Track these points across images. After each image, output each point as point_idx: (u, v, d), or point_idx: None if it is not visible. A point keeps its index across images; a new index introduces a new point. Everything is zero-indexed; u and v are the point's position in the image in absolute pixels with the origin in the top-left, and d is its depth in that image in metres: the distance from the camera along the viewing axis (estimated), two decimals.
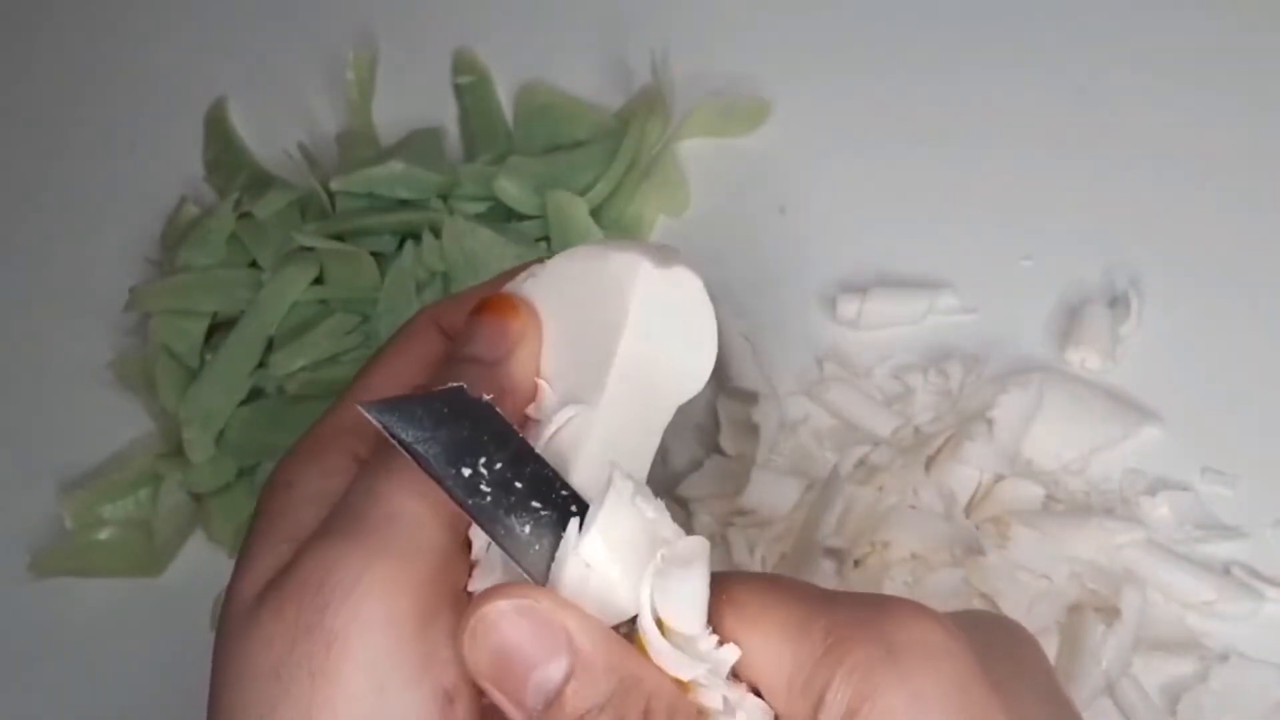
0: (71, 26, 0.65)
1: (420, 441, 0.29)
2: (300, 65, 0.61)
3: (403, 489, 0.30)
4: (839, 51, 0.58)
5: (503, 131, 0.57)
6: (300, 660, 0.28)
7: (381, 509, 0.30)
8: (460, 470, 0.29)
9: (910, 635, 0.27)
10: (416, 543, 0.29)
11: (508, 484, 0.29)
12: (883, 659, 0.27)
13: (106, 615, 0.50)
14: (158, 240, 0.57)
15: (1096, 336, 0.48)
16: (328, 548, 0.29)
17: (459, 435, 0.29)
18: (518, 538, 0.29)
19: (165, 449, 0.52)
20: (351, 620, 0.28)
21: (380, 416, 0.28)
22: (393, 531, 0.29)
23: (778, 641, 0.28)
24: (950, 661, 0.27)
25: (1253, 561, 0.44)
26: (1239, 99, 0.54)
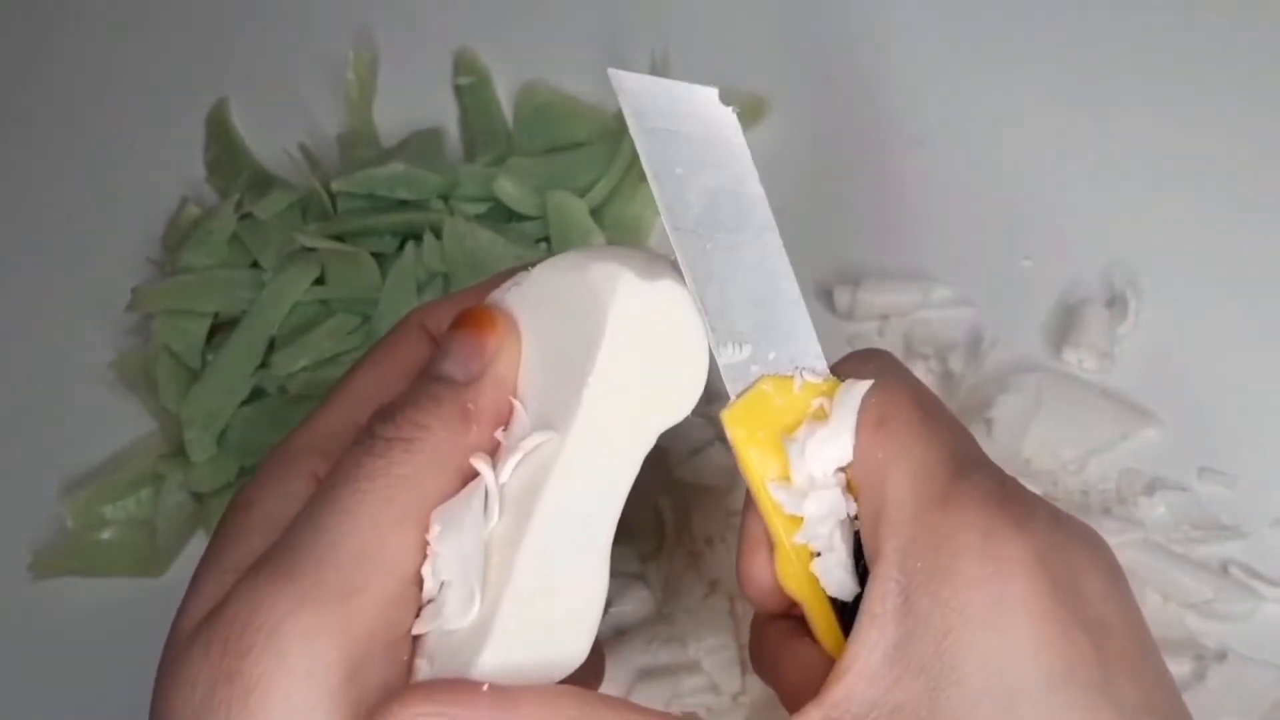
0: (72, 27, 0.65)
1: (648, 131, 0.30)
2: (301, 66, 0.61)
3: (348, 523, 0.29)
4: (838, 50, 0.58)
5: (503, 132, 0.57)
6: (219, 707, 0.28)
7: (322, 544, 0.29)
8: (675, 166, 0.29)
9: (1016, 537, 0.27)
10: (354, 583, 0.28)
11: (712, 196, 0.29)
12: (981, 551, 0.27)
13: (108, 615, 0.50)
14: (159, 241, 0.57)
15: (1094, 337, 0.48)
16: (257, 586, 0.29)
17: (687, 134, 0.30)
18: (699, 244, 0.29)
19: (167, 449, 0.52)
20: (273, 668, 0.27)
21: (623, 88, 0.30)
22: (328, 571, 0.28)
23: (885, 476, 0.29)
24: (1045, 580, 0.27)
25: (1250, 561, 0.44)
26: (1239, 99, 0.54)
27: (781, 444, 0.30)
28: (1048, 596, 0.27)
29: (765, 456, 0.30)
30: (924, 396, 0.31)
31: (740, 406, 0.30)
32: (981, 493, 0.28)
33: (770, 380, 0.31)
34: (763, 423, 0.30)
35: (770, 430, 0.30)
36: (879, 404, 0.30)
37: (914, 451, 0.29)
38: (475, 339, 0.32)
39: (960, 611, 0.27)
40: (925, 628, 0.27)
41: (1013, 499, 0.28)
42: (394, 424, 0.30)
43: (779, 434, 0.30)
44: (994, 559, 0.27)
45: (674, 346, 0.31)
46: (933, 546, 0.27)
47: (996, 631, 0.27)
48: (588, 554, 0.31)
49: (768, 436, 0.30)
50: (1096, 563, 0.28)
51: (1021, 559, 0.27)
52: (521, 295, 0.32)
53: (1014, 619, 0.27)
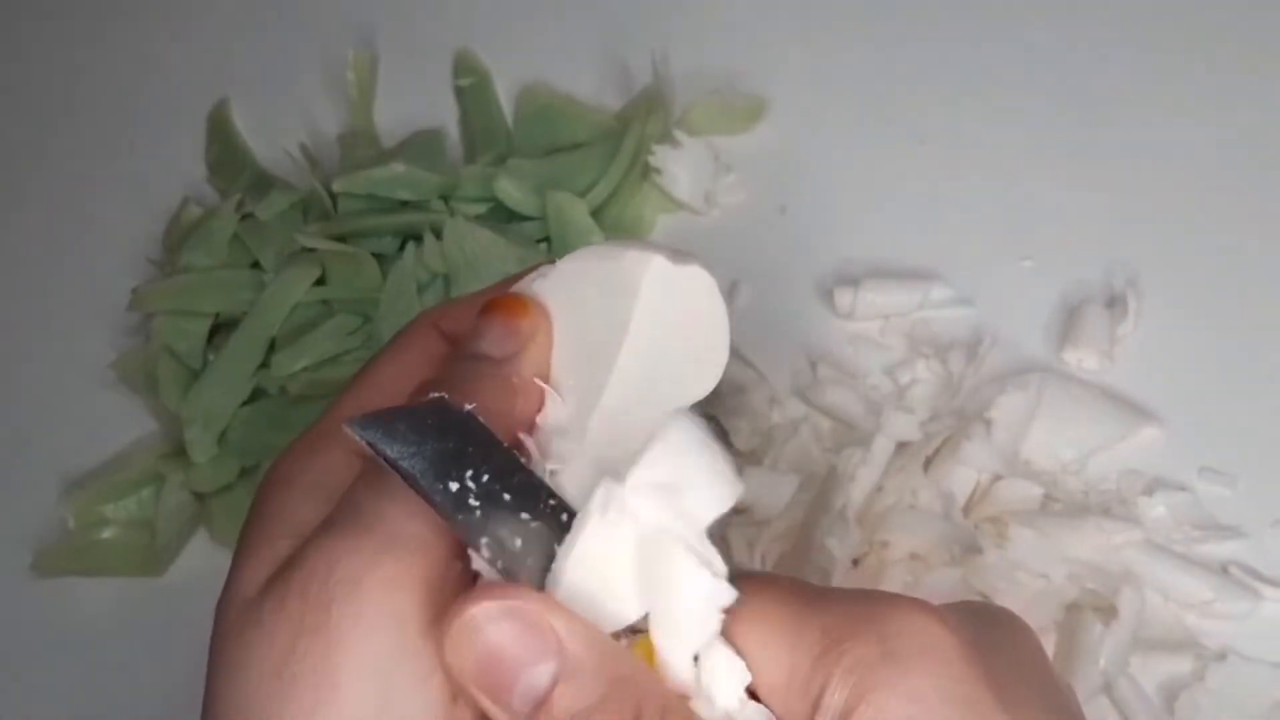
0: (72, 27, 0.65)
1: (405, 457, 0.28)
2: (301, 66, 0.61)
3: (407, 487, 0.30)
4: (837, 49, 0.58)
5: (503, 133, 0.57)
6: (304, 658, 0.28)
7: (387, 505, 0.29)
8: (448, 485, 0.28)
9: (907, 632, 0.27)
10: (423, 540, 0.29)
11: (495, 496, 0.28)
12: (880, 658, 0.27)
13: (108, 615, 0.50)
14: (160, 241, 0.57)
15: (1095, 337, 0.48)
16: (334, 543, 0.29)
17: (444, 449, 0.28)
18: (509, 551, 0.28)
19: (167, 449, 0.52)
20: (357, 618, 0.28)
21: (363, 432, 0.28)
22: (399, 528, 0.29)
23: (775, 642, 0.28)
24: (947, 658, 0.27)
25: (1250, 561, 0.44)
26: (1239, 99, 0.54)
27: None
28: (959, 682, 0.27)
29: None
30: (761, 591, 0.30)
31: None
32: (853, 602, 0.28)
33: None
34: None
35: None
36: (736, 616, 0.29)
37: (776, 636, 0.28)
38: (509, 320, 0.32)
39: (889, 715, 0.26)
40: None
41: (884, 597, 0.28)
42: (444, 400, 0.30)
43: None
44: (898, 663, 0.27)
45: (698, 325, 0.32)
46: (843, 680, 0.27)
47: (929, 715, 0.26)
48: None
49: None
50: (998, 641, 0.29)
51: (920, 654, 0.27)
52: (549, 285, 0.33)
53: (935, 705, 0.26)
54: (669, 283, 0.31)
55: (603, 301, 0.32)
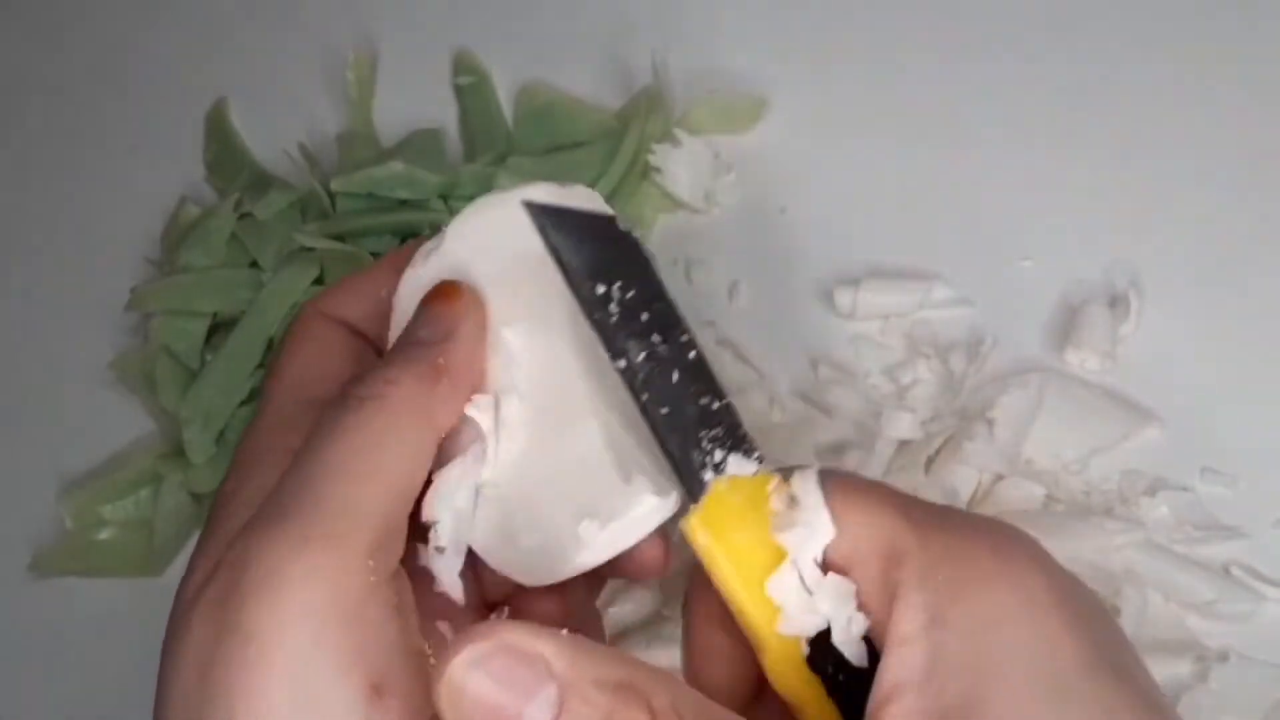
0: (72, 27, 0.65)
1: (566, 249, 0.30)
2: (300, 65, 0.61)
3: (328, 474, 0.30)
4: (837, 49, 0.58)
5: (503, 132, 0.57)
6: (221, 661, 0.28)
7: (305, 497, 0.30)
8: (595, 286, 0.30)
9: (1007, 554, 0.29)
10: (345, 525, 0.29)
11: (634, 312, 0.31)
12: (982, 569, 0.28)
13: (107, 615, 0.50)
14: (158, 240, 0.57)
15: (1096, 337, 0.48)
16: (248, 540, 0.29)
17: (603, 255, 0.31)
18: (632, 364, 0.30)
19: (166, 449, 0.52)
20: (269, 615, 0.28)
21: (538, 218, 0.30)
22: (318, 516, 0.29)
23: (877, 526, 0.29)
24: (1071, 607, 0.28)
25: (1252, 561, 0.44)
26: (1239, 98, 0.54)
27: (750, 544, 0.30)
28: (1062, 590, 0.28)
29: (739, 559, 0.30)
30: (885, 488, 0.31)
31: (702, 513, 0.30)
32: (963, 518, 0.30)
33: (724, 482, 0.31)
34: (728, 526, 0.30)
35: (737, 533, 0.30)
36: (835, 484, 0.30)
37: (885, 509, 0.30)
38: (443, 306, 0.34)
39: (997, 608, 0.28)
40: (962, 632, 0.27)
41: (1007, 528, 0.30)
42: (365, 383, 0.32)
43: (746, 534, 0.30)
44: (1011, 561, 0.28)
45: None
46: (951, 561, 0.28)
47: (1033, 624, 0.27)
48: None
49: (736, 539, 0.30)
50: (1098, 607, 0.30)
51: (1030, 560, 0.29)
52: (443, 256, 0.35)
53: (1046, 611, 0.28)
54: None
55: (513, 244, 0.33)
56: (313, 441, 0.31)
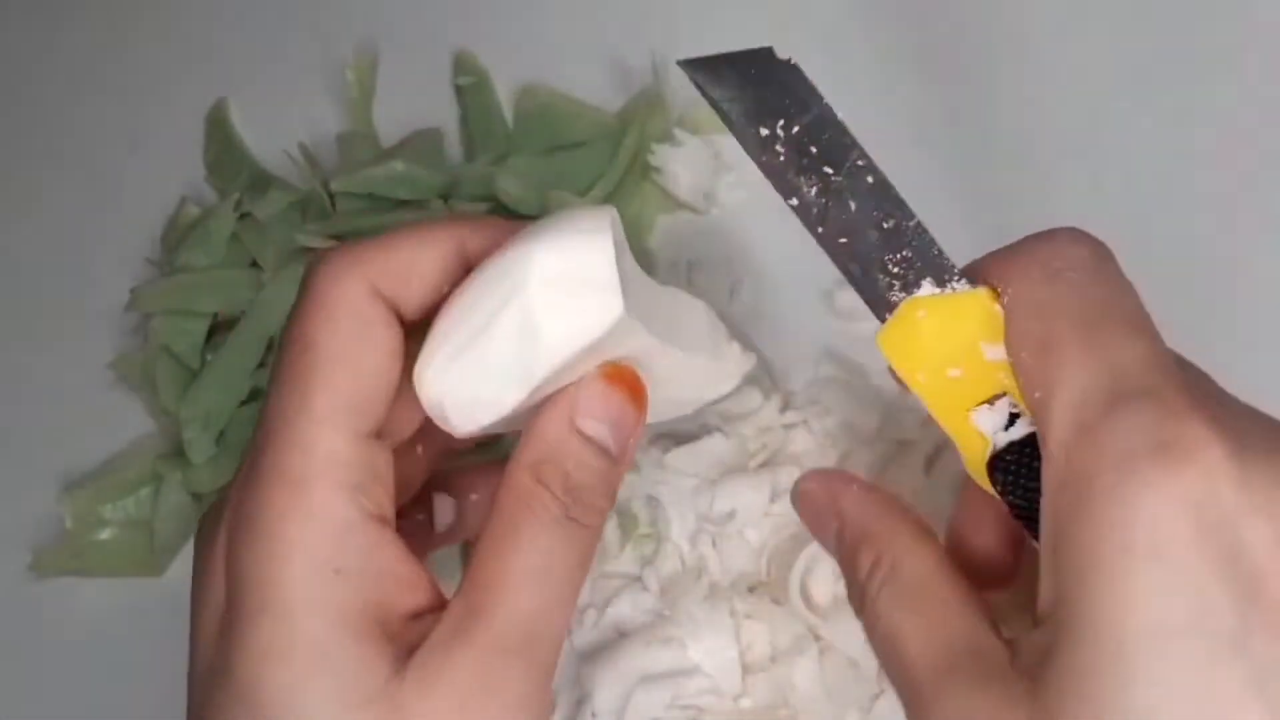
0: (71, 27, 0.65)
1: (725, 100, 0.30)
2: (300, 65, 0.61)
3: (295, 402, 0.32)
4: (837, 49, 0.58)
5: (502, 132, 0.57)
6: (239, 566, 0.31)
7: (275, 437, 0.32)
8: (759, 130, 0.30)
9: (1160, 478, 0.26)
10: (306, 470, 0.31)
11: (803, 147, 0.31)
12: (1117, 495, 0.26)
13: (107, 615, 0.50)
14: (158, 241, 0.57)
15: None
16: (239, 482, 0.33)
17: (763, 96, 0.30)
18: (805, 200, 0.30)
19: (166, 449, 0.52)
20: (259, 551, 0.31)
21: (693, 73, 0.30)
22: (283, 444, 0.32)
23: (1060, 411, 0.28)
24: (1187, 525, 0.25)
25: None
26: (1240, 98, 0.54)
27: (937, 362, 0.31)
28: (1186, 543, 0.25)
29: (926, 377, 0.31)
30: (1095, 307, 0.29)
31: (890, 330, 0.31)
32: (1127, 428, 0.26)
33: (912, 301, 0.31)
34: (917, 345, 0.31)
35: (925, 350, 0.31)
36: (1042, 325, 0.29)
37: (1074, 381, 0.28)
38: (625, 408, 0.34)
39: (1089, 554, 0.26)
40: (1065, 569, 0.26)
41: (1173, 431, 0.26)
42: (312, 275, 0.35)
43: (934, 353, 0.31)
44: (1129, 502, 0.25)
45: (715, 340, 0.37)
46: (1074, 487, 0.26)
47: (1116, 578, 0.25)
48: None
49: (925, 357, 0.31)
50: (1275, 505, 0.26)
51: (1165, 501, 0.25)
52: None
53: (1139, 566, 0.25)
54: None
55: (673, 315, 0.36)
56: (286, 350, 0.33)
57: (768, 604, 0.45)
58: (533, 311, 0.30)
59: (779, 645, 0.44)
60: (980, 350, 0.30)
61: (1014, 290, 0.30)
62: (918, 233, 0.31)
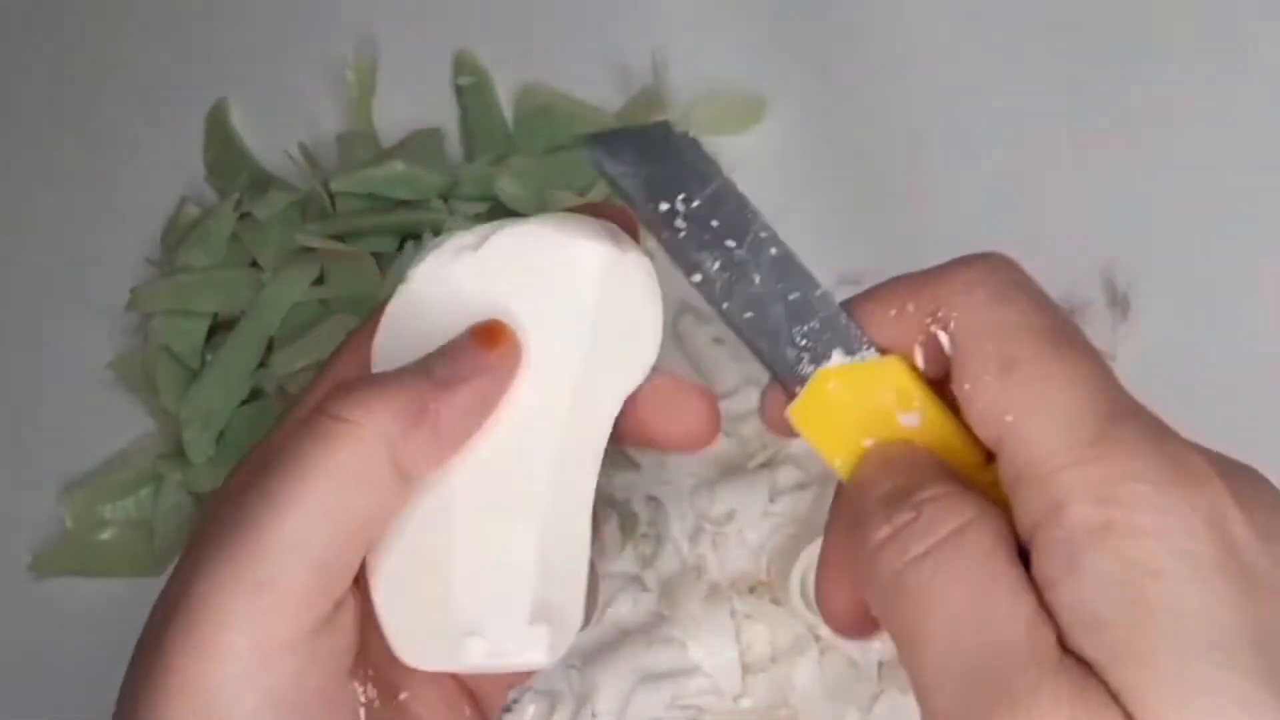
0: (71, 26, 0.65)
1: (623, 176, 0.30)
2: (300, 65, 0.61)
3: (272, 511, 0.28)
4: (838, 50, 0.58)
5: (503, 132, 0.57)
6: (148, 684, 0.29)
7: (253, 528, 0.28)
8: (658, 205, 0.30)
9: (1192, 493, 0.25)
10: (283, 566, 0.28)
11: (704, 222, 0.30)
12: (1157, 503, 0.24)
13: (107, 615, 0.50)
14: (158, 240, 0.57)
15: (1096, 337, 0.48)
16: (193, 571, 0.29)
17: (661, 171, 0.30)
18: (708, 275, 0.30)
19: (166, 449, 0.52)
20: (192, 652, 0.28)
21: (590, 151, 0.30)
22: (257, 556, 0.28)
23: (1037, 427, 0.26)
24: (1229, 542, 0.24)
25: None
26: (1239, 98, 0.54)
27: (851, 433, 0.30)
28: (1211, 565, 0.24)
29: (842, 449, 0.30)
30: (1053, 322, 0.28)
31: (803, 403, 0.30)
32: (1141, 440, 0.25)
33: (824, 372, 0.30)
34: (830, 416, 0.30)
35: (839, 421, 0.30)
36: (1000, 345, 0.27)
37: (1055, 398, 0.26)
38: (480, 348, 0.31)
39: (1145, 565, 0.24)
40: (1103, 584, 0.24)
41: (1178, 450, 0.26)
42: (338, 403, 0.29)
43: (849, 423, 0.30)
44: (1171, 511, 0.24)
45: (638, 313, 0.32)
46: (1098, 500, 0.25)
47: (1188, 586, 0.24)
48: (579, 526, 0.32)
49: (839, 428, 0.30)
50: (1266, 516, 0.26)
51: (1197, 511, 0.24)
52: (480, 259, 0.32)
53: (1203, 574, 0.24)
54: (615, 272, 0.32)
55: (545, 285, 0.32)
56: (270, 458, 0.29)
57: (768, 604, 0.45)
58: None
59: (779, 645, 0.44)
60: (895, 418, 0.29)
61: (960, 316, 0.29)
62: (824, 302, 0.30)
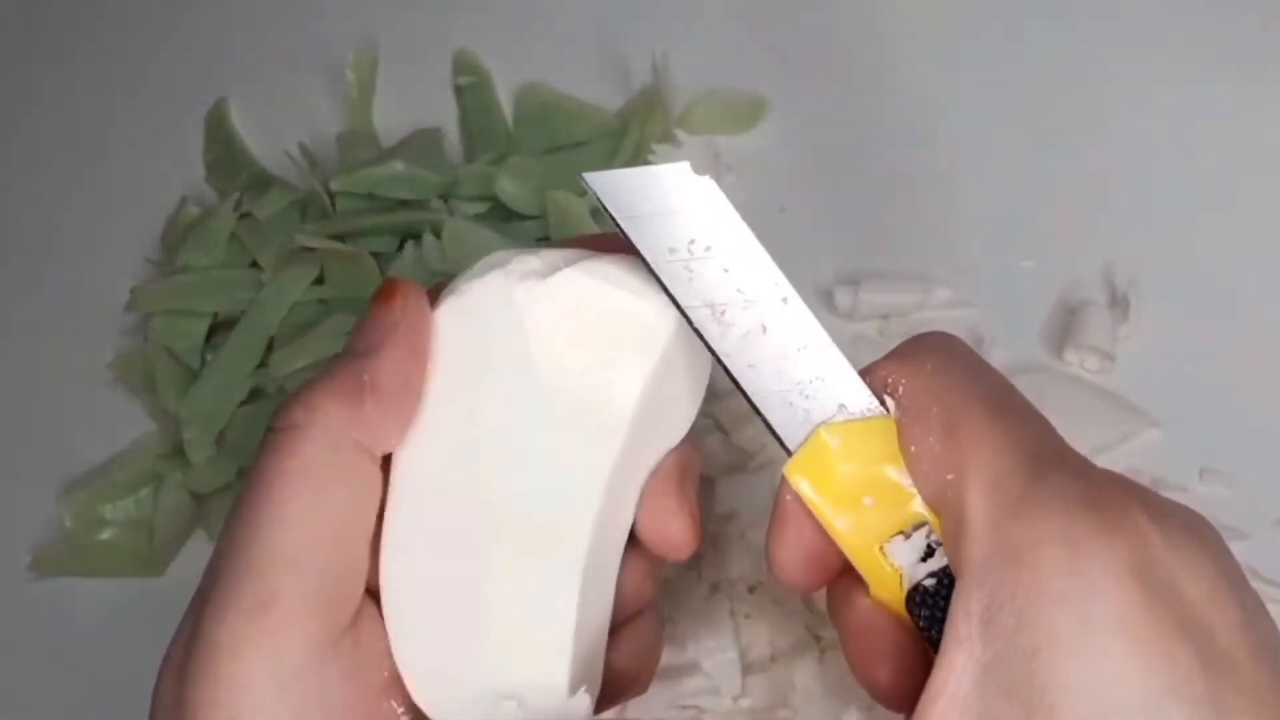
0: (72, 26, 0.65)
1: (629, 220, 0.29)
2: (300, 65, 0.61)
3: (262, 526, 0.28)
4: (838, 50, 0.58)
5: (503, 132, 0.57)
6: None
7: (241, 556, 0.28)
8: (666, 248, 0.29)
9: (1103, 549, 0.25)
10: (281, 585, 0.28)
11: (711, 269, 0.29)
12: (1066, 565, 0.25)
13: (107, 615, 0.50)
14: (158, 240, 0.57)
15: (1096, 338, 0.48)
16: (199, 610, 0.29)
17: (671, 215, 0.29)
18: (712, 322, 0.29)
19: (166, 449, 0.52)
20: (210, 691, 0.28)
21: (596, 187, 0.29)
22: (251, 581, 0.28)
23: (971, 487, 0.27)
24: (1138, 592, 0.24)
25: (1252, 562, 0.44)
26: (1239, 99, 0.54)
27: (850, 491, 0.29)
28: (1142, 608, 0.24)
29: (838, 508, 0.29)
30: (992, 390, 0.29)
31: (801, 460, 0.29)
32: (1060, 497, 0.26)
33: (824, 428, 0.29)
34: (829, 473, 0.29)
35: (838, 478, 0.29)
36: (943, 409, 0.28)
37: (985, 458, 0.27)
38: (377, 309, 0.30)
39: (1046, 631, 0.25)
40: (1012, 649, 0.25)
41: (1099, 499, 0.26)
42: (282, 414, 0.29)
43: (848, 481, 0.29)
44: (1078, 572, 0.25)
45: (689, 374, 0.31)
46: (1012, 561, 0.25)
47: (1086, 652, 0.24)
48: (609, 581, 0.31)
49: (837, 486, 0.29)
50: (1199, 560, 0.26)
51: (1110, 569, 0.25)
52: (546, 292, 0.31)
53: (1104, 637, 0.24)
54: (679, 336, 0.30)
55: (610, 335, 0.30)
56: (243, 486, 0.29)
57: (768, 604, 0.45)
58: None
59: (779, 645, 0.44)
60: (896, 477, 0.29)
61: (908, 383, 0.29)
62: (830, 356, 0.30)
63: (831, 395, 0.29)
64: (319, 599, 0.28)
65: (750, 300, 0.29)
